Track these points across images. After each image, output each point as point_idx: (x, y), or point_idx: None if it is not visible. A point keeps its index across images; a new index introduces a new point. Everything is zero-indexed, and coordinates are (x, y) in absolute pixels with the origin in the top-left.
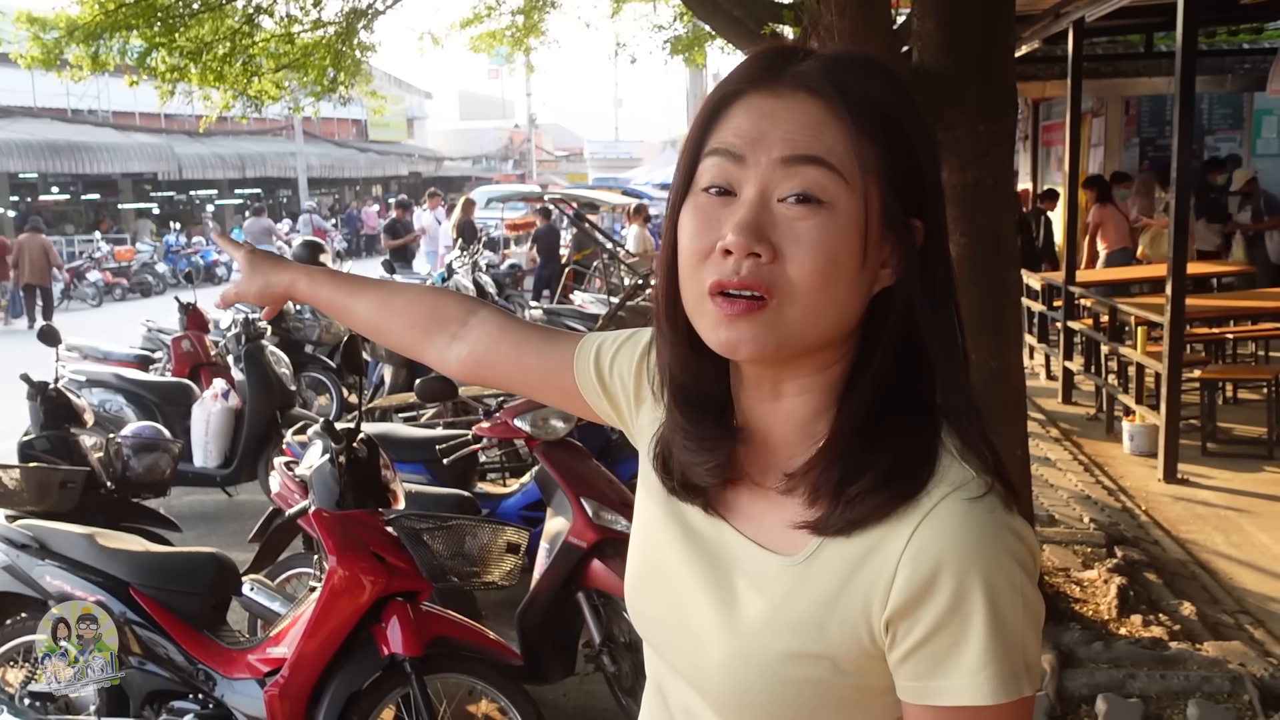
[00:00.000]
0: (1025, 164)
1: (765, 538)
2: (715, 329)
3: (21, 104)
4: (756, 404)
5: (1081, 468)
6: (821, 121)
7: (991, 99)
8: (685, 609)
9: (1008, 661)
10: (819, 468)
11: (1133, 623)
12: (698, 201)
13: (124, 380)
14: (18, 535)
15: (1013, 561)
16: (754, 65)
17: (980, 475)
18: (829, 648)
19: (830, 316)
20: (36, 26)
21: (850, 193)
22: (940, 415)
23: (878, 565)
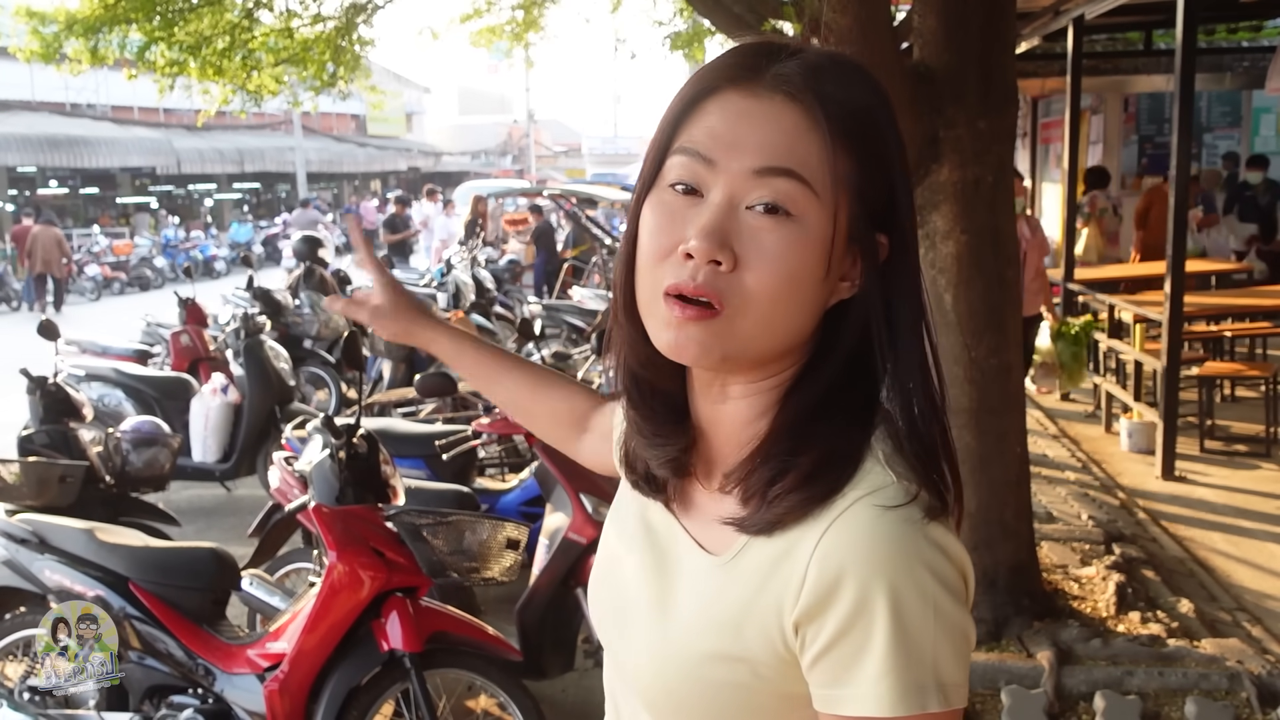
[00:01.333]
0: (1024, 161)
1: (704, 537)
2: (663, 330)
3: (20, 97)
4: (705, 404)
5: (1079, 465)
6: (798, 130)
7: (992, 96)
8: (631, 605)
9: (911, 672)
10: (750, 467)
11: (1131, 620)
12: (663, 198)
13: (123, 375)
14: (17, 530)
15: (925, 571)
16: (734, 61)
17: (901, 481)
18: (746, 650)
19: (782, 330)
20: (36, 20)
21: (820, 207)
22: (876, 422)
23: (791, 567)
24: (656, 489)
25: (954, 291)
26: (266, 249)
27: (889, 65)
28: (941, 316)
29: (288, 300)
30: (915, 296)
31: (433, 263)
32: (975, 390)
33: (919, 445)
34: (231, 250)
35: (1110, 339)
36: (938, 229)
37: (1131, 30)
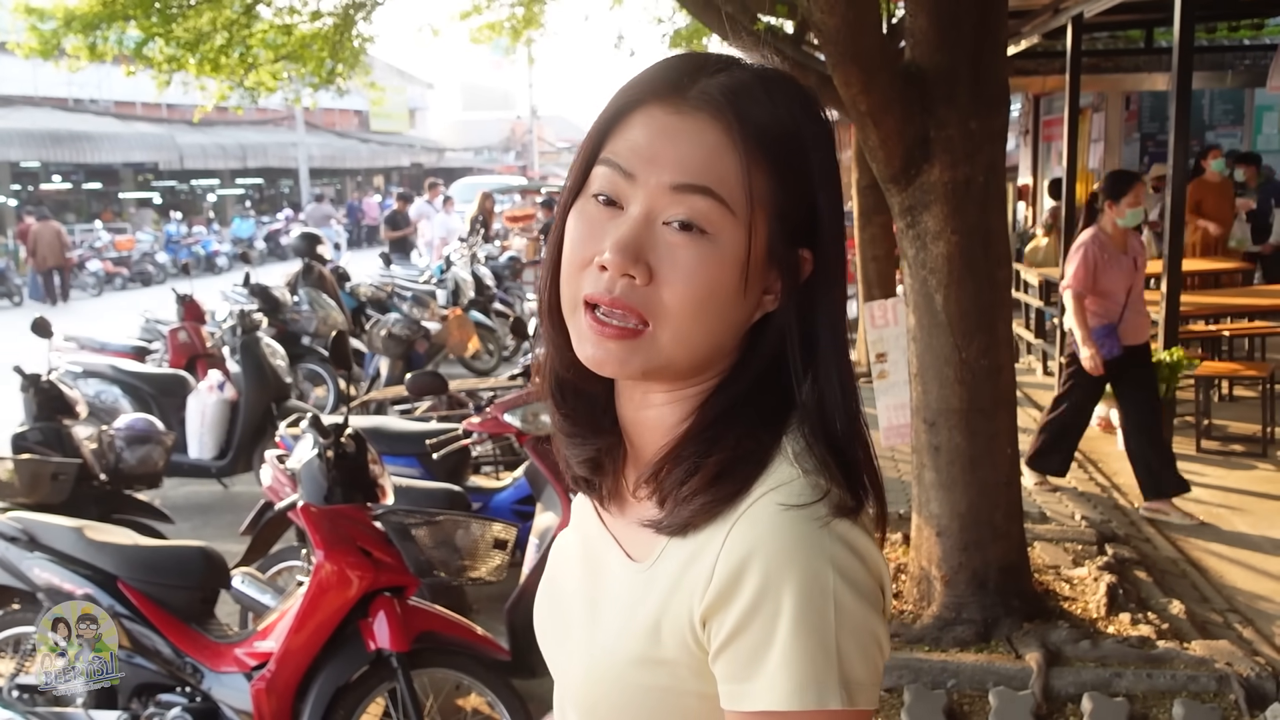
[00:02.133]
0: (1026, 159)
1: (630, 543)
2: (583, 343)
3: (23, 93)
4: (629, 409)
5: (1075, 464)
6: (717, 148)
7: (984, 96)
8: (568, 621)
9: (811, 667)
10: (663, 469)
11: (1121, 621)
12: (586, 208)
13: (119, 371)
14: (7, 527)
15: (829, 567)
16: (661, 75)
17: (808, 476)
18: (664, 653)
19: (702, 345)
20: (34, 16)
21: (735, 225)
22: (789, 424)
23: (701, 564)
24: (590, 487)
25: (944, 292)
26: (269, 244)
27: (878, 66)
28: (932, 317)
29: (286, 297)
30: (837, 311)
31: (433, 259)
32: (966, 391)
33: (830, 444)
34: (234, 246)
35: None
36: (929, 229)
37: (1132, 28)
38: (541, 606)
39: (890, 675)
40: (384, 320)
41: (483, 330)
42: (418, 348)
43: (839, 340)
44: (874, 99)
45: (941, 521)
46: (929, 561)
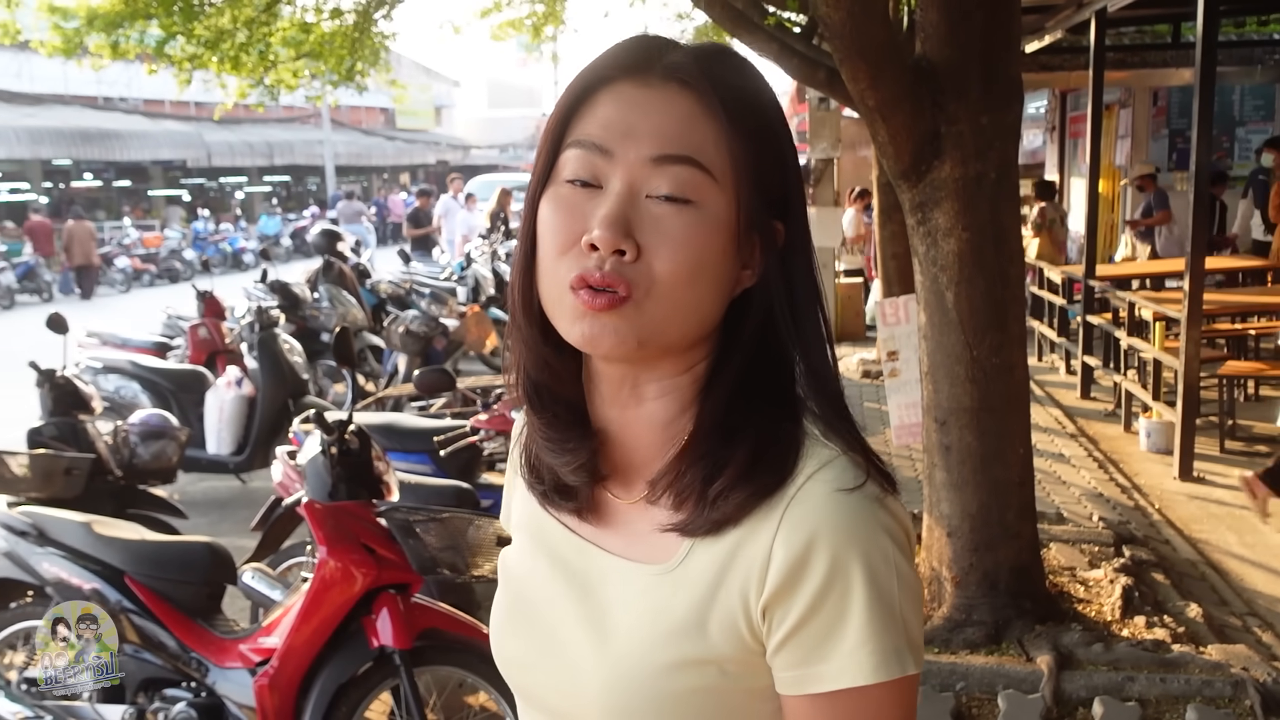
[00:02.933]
0: (1052, 155)
1: (634, 551)
2: (575, 323)
3: (54, 91)
4: (615, 410)
5: (1096, 464)
6: (693, 116)
7: (995, 91)
8: (557, 642)
9: (889, 637)
10: (680, 469)
11: (1136, 624)
12: (560, 193)
13: (139, 367)
14: (17, 522)
15: (885, 536)
16: (624, 52)
17: (847, 454)
18: (712, 650)
19: (693, 315)
20: (58, 15)
21: (719, 192)
22: (800, 407)
23: (751, 555)
24: (567, 498)
25: (955, 289)
26: (295, 241)
27: (886, 60)
28: (943, 315)
29: (305, 294)
30: (812, 280)
31: (454, 256)
32: (977, 389)
33: (846, 423)
34: (260, 243)
35: (1130, 337)
36: (939, 226)
37: (1158, 23)
38: (512, 631)
39: None
40: (402, 317)
41: (501, 327)
42: (436, 344)
43: (816, 308)
44: (882, 94)
45: (952, 522)
46: (939, 562)
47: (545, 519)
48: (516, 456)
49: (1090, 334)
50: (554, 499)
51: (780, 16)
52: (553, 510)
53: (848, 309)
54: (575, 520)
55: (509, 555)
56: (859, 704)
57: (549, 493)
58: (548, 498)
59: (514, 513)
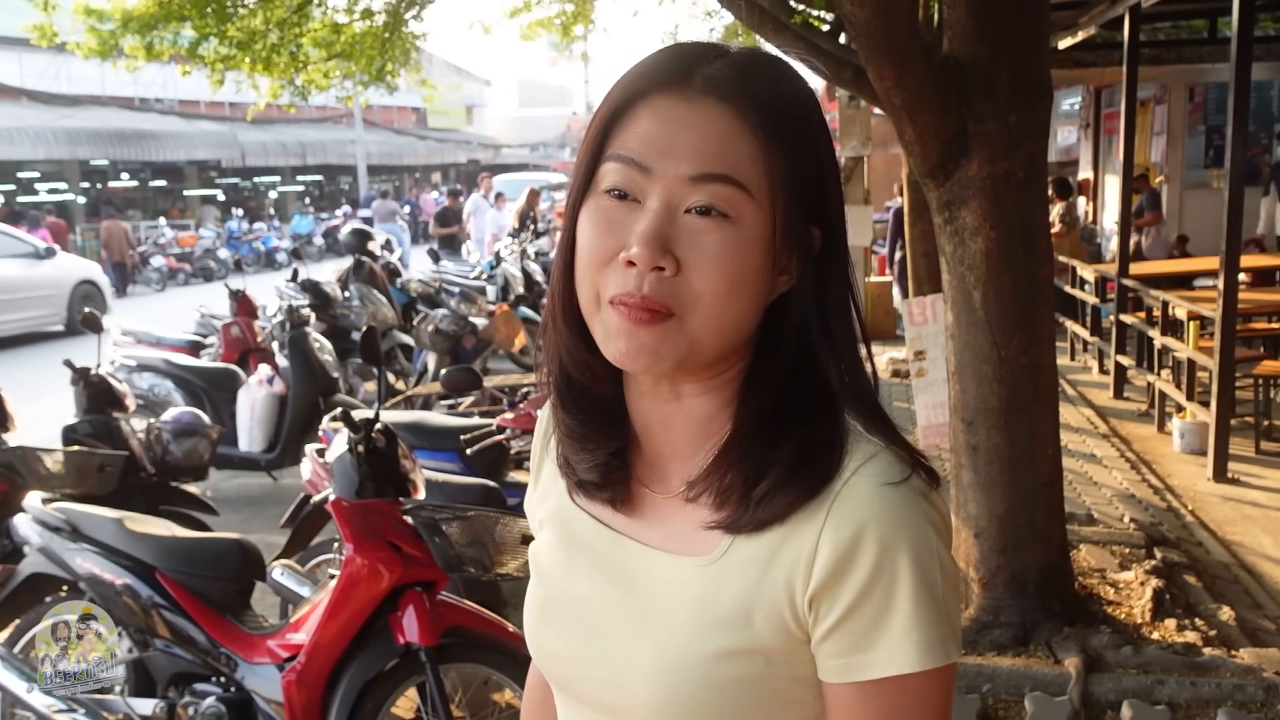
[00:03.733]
0: (1086, 152)
1: (674, 544)
2: (613, 339)
3: (91, 93)
4: (655, 405)
5: (1128, 465)
6: (731, 133)
7: (1023, 89)
8: (599, 634)
9: (934, 626)
10: (722, 470)
11: (1166, 627)
12: (600, 204)
13: (172, 365)
14: (51, 518)
15: (930, 528)
16: (662, 64)
17: (890, 448)
18: (757, 640)
19: (731, 328)
20: (93, 18)
21: (757, 207)
22: (839, 405)
23: (797, 547)
24: (600, 489)
25: (983, 289)
26: (327, 240)
27: (912, 58)
28: (970, 314)
29: (336, 292)
30: (846, 283)
31: (484, 255)
32: (1004, 390)
33: (886, 420)
34: (293, 242)
35: (1164, 336)
36: (966, 225)
37: (1195, 18)
38: (550, 625)
39: None
40: (432, 316)
41: (530, 325)
42: (465, 343)
43: (853, 313)
44: (909, 92)
45: (979, 523)
46: (966, 563)
47: (574, 512)
48: (539, 448)
49: (1123, 333)
50: (587, 489)
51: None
52: (582, 503)
53: (877, 308)
54: (608, 513)
55: (539, 550)
56: (904, 691)
57: (582, 483)
58: (581, 488)
59: (541, 508)
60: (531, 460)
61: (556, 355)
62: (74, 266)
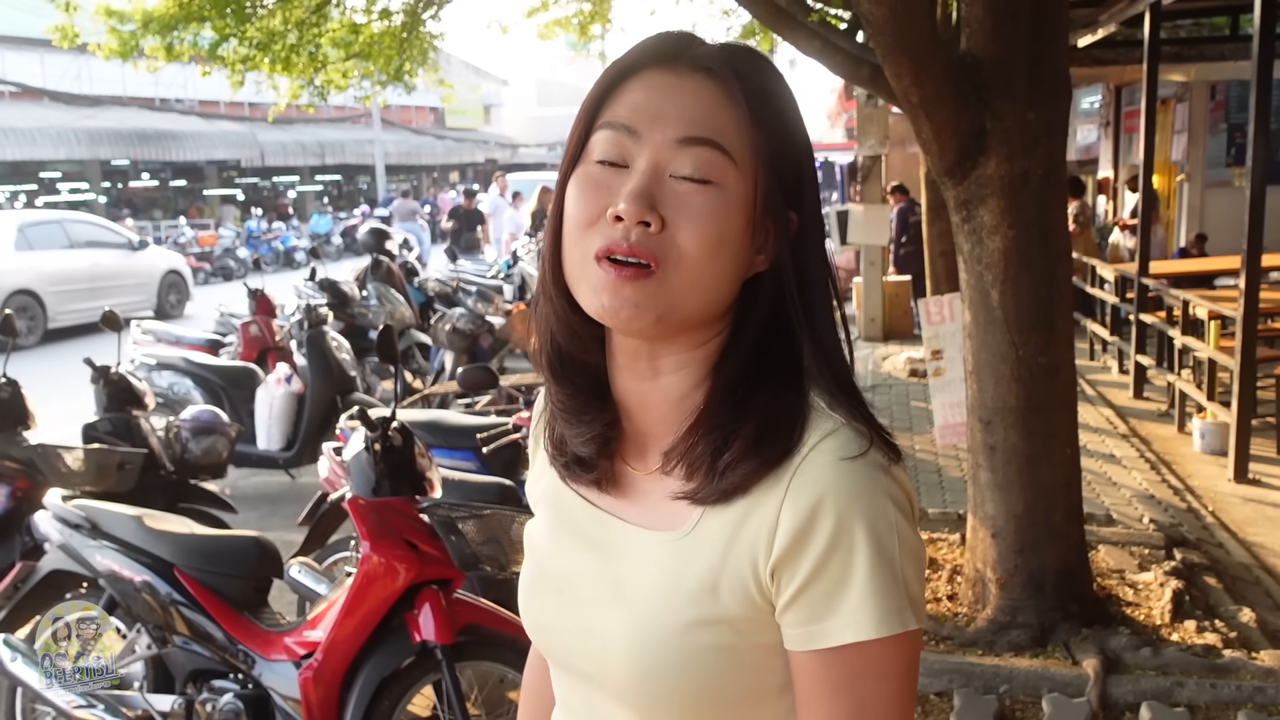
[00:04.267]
0: (1107, 151)
1: (650, 519)
2: (598, 294)
3: (112, 93)
4: (633, 383)
5: (1148, 465)
6: (717, 104)
7: (1042, 87)
8: (580, 607)
9: (891, 595)
10: (693, 441)
11: (1186, 629)
12: (589, 171)
13: (192, 364)
14: (71, 515)
15: (888, 500)
16: (655, 43)
17: (851, 424)
18: (724, 611)
19: (712, 289)
20: (114, 19)
21: (739, 175)
22: (806, 382)
23: (759, 520)
24: (586, 470)
25: (1000, 288)
26: (345, 240)
27: (929, 56)
28: (988, 314)
29: (354, 292)
30: (824, 267)
31: (501, 254)
32: (1022, 389)
33: (851, 397)
34: (311, 241)
35: (1184, 336)
36: (984, 224)
37: (1216, 15)
38: (538, 599)
39: (941, 679)
40: (448, 315)
41: None
42: (482, 342)
43: (830, 297)
44: (926, 90)
45: (997, 523)
46: (984, 563)
47: (566, 493)
48: (539, 432)
49: (1143, 333)
50: (574, 471)
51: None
52: (573, 484)
53: (895, 307)
54: (595, 493)
55: (533, 528)
56: (863, 658)
57: (570, 465)
58: (569, 470)
59: (536, 487)
60: (530, 442)
61: (547, 325)
62: (161, 257)
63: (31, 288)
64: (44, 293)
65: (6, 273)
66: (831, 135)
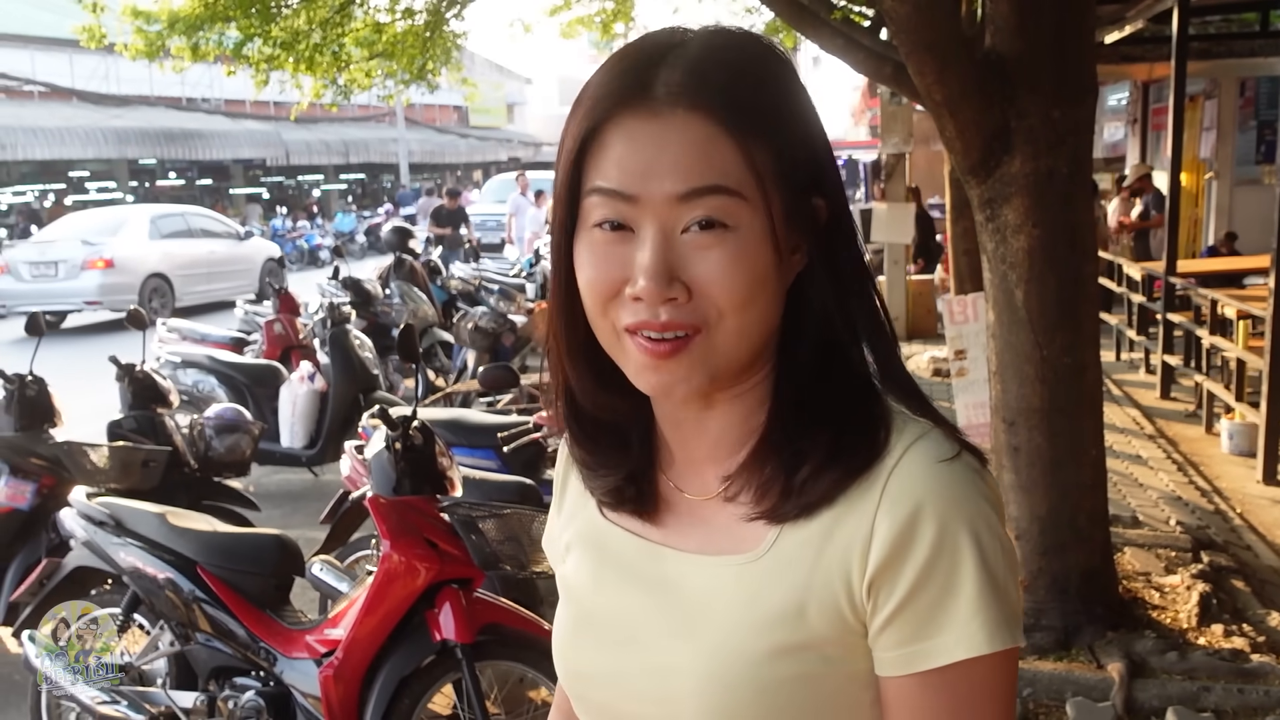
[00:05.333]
0: (1134, 148)
1: (714, 545)
2: (643, 372)
3: (139, 93)
4: (687, 414)
5: (1175, 467)
6: (708, 140)
7: (1068, 84)
8: (640, 649)
9: (999, 606)
10: (760, 463)
11: (1213, 633)
12: (592, 238)
13: (216, 362)
14: (96, 512)
15: (988, 505)
16: (618, 79)
17: (939, 428)
18: (812, 634)
19: (760, 330)
20: (141, 19)
21: (752, 209)
22: (873, 384)
23: (850, 531)
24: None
25: (1025, 287)
26: (369, 238)
27: (953, 54)
28: (1012, 313)
29: (377, 290)
30: (857, 251)
31: (524, 252)
32: (1047, 390)
33: (919, 397)
34: (335, 239)
35: (1212, 336)
36: (1008, 222)
37: (1246, 10)
38: (582, 646)
39: None
40: (471, 313)
41: None
42: (504, 340)
43: (868, 282)
44: (950, 88)
45: (1020, 525)
46: None
47: (607, 529)
48: (562, 474)
49: (1170, 332)
50: (614, 504)
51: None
52: (612, 517)
53: (919, 305)
54: (639, 524)
55: (567, 573)
56: (971, 677)
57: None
58: (612, 498)
59: (567, 533)
60: (555, 487)
61: (565, 392)
62: (263, 247)
63: (163, 271)
64: (173, 276)
65: (144, 258)
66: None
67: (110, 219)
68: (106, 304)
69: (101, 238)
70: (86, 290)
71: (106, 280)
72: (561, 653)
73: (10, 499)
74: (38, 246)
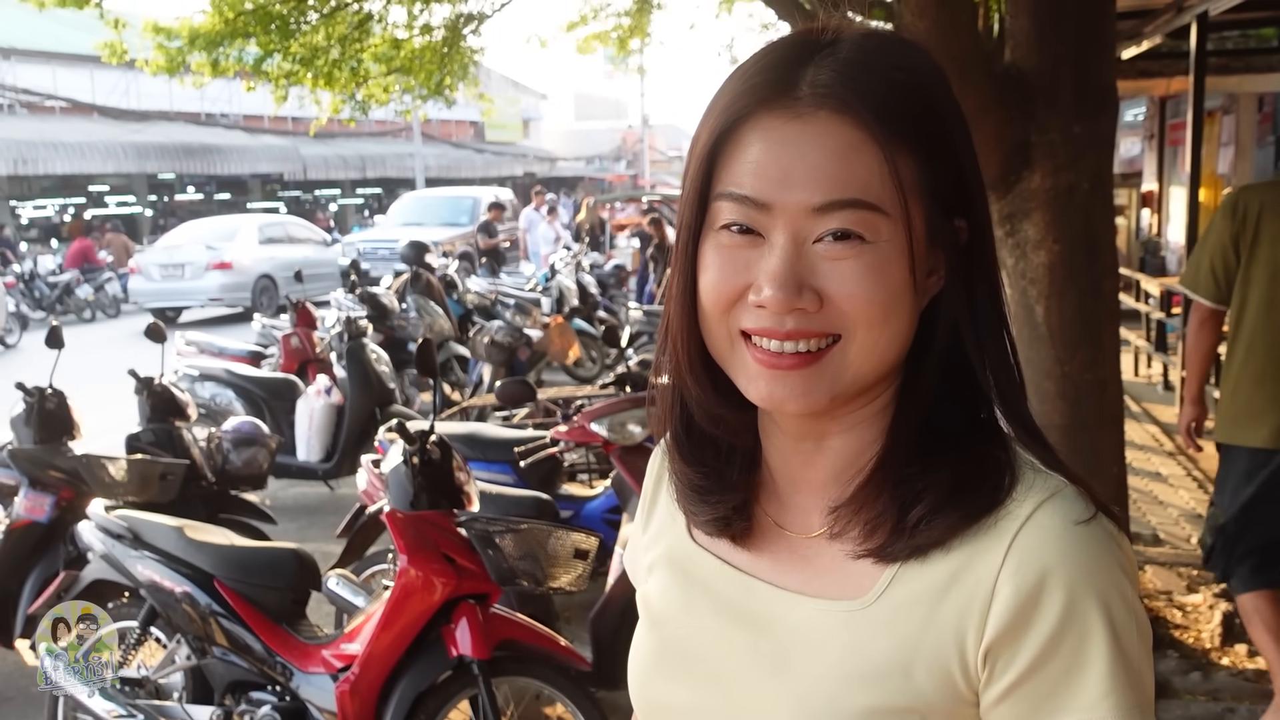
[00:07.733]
0: (1151, 163)
1: (816, 587)
2: (756, 381)
3: (159, 108)
4: (797, 445)
5: (1195, 484)
6: (851, 148)
7: (1088, 99)
8: (726, 682)
9: (1131, 690)
10: (871, 494)
11: (1237, 653)
12: (720, 241)
13: (234, 375)
14: (114, 525)
15: (1124, 575)
16: (763, 74)
17: (1072, 486)
18: (916, 698)
19: (890, 350)
20: (161, 35)
21: (892, 224)
22: (1000, 426)
23: (969, 589)
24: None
25: (1045, 303)
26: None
27: (972, 68)
28: (1032, 329)
29: (393, 304)
30: (995, 280)
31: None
32: (1067, 406)
33: (1045, 445)
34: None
35: None
36: (1029, 238)
37: (1264, 26)
38: (665, 675)
39: None
40: (487, 327)
41: (585, 338)
42: (520, 355)
43: (1003, 318)
44: (969, 103)
45: None
46: None
47: (697, 553)
48: (651, 490)
49: None
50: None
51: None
52: (703, 541)
53: None
54: (731, 550)
55: (650, 595)
56: None
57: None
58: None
59: (652, 549)
60: (641, 502)
61: (679, 407)
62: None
63: (269, 272)
64: (278, 277)
65: (255, 261)
66: None
67: (226, 226)
68: (226, 301)
69: (220, 243)
70: (210, 289)
71: (226, 280)
72: (640, 680)
73: (29, 511)
74: (165, 250)
